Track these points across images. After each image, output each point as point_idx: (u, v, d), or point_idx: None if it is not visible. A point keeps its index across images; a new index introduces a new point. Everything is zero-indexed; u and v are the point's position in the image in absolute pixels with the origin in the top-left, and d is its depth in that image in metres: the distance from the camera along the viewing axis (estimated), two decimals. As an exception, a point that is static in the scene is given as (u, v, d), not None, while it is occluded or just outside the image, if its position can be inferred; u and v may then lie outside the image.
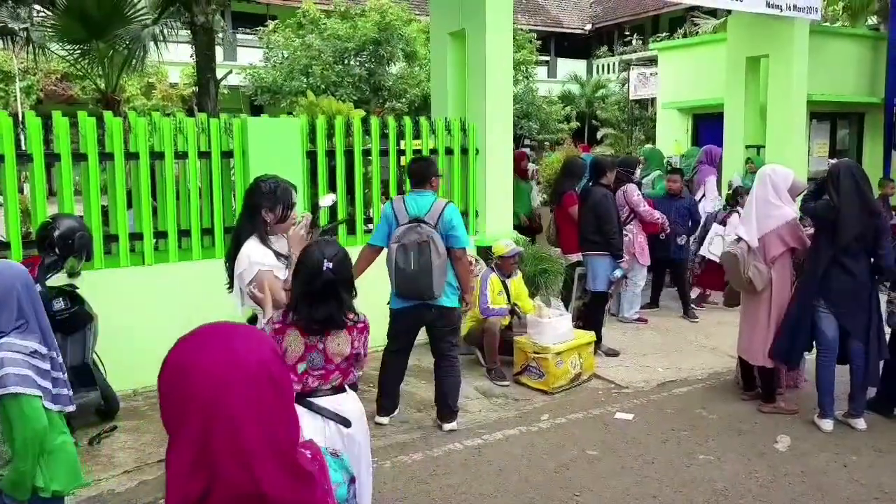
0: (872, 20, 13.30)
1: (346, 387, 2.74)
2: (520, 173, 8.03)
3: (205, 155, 5.44)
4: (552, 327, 5.35)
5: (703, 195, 8.48)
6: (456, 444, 4.31)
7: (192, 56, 8.50)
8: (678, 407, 4.93)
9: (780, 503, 3.64)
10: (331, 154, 5.98)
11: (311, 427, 2.56)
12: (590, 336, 5.61)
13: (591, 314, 6.13)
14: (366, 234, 5.92)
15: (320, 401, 2.66)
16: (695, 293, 7.58)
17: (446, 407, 4.52)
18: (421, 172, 4.46)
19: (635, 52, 23.47)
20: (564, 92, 24.82)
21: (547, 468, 4.02)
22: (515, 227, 7.10)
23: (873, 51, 11.32)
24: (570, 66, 27.80)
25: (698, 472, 3.94)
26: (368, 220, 6.30)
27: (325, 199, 4.88)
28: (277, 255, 3.26)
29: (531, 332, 5.43)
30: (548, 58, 27.88)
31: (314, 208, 5.70)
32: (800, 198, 4.83)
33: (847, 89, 10.94)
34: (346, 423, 2.65)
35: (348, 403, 2.71)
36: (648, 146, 13.35)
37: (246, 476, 1.06)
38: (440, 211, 4.26)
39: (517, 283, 5.85)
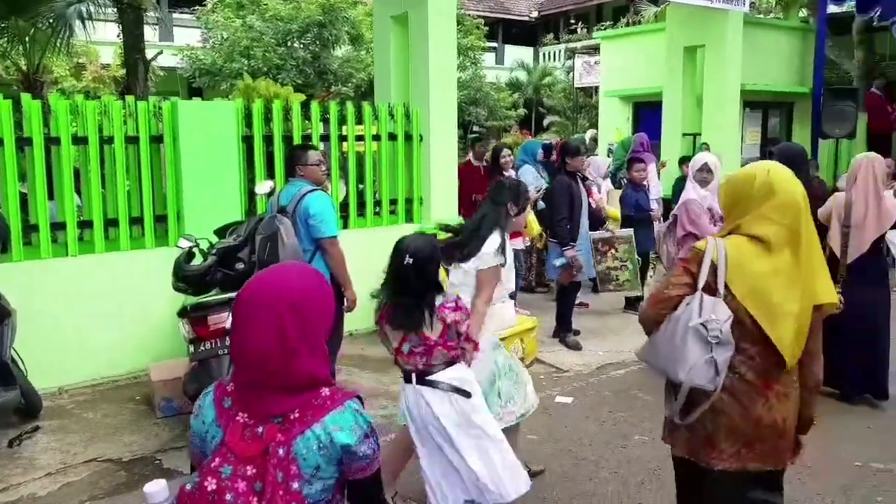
0: (804, 13, 13.74)
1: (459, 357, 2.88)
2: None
3: (133, 140, 5.22)
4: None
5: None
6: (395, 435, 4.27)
7: (118, 35, 8.13)
8: (616, 389, 5.02)
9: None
10: (269, 139, 5.82)
11: (436, 401, 2.82)
12: (532, 321, 5.65)
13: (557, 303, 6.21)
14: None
15: (437, 376, 2.83)
16: None
17: None
18: (288, 161, 4.36)
19: (580, 40, 23.66)
20: (512, 79, 24.86)
21: (486, 455, 4.02)
22: None
23: (803, 42, 11.71)
24: (517, 53, 27.84)
25: (633, 453, 4.02)
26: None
27: (263, 186, 4.77)
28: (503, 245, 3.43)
29: (474, 319, 5.42)
30: (496, 44, 27.87)
31: (250, 195, 5.57)
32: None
33: (778, 80, 11.28)
34: (466, 393, 2.83)
35: (462, 373, 2.87)
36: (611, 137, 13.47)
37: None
38: (298, 199, 4.12)
39: (460, 270, 5.83)
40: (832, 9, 12.24)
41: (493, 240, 3.35)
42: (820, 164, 10.07)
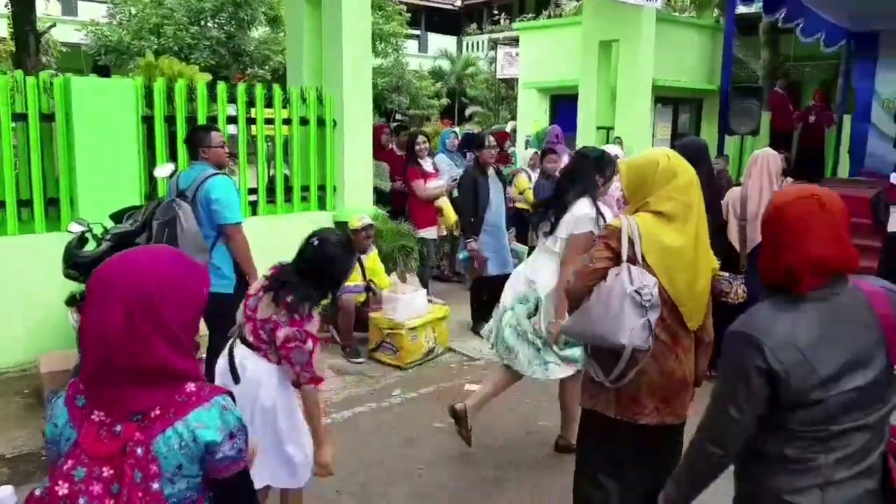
0: (717, 12, 14.31)
1: (262, 353, 2.69)
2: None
3: (21, 117, 4.88)
4: (407, 303, 5.34)
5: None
6: (302, 424, 4.19)
7: (6, 6, 7.56)
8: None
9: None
10: (171, 120, 5.56)
11: (221, 360, 2.75)
12: (444, 310, 5.65)
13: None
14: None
15: (238, 345, 2.73)
16: None
17: None
18: (189, 143, 4.16)
19: (503, 31, 23.87)
20: (435, 68, 24.84)
21: (393, 443, 4.01)
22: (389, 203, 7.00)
23: (713, 41, 12.18)
24: (440, 42, 27.84)
25: (537, 438, 4.09)
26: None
27: (163, 169, 4.57)
28: (599, 214, 3.43)
29: (386, 309, 5.39)
30: (418, 32, 27.77)
31: (151, 179, 5.32)
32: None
33: (689, 77, 11.71)
34: (235, 377, 2.67)
35: (253, 365, 2.68)
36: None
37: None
38: (199, 183, 3.96)
39: (372, 258, 5.77)
40: (741, 9, 12.75)
41: (583, 204, 3.41)
42: (729, 158, 10.52)
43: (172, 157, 5.49)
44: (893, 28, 11.35)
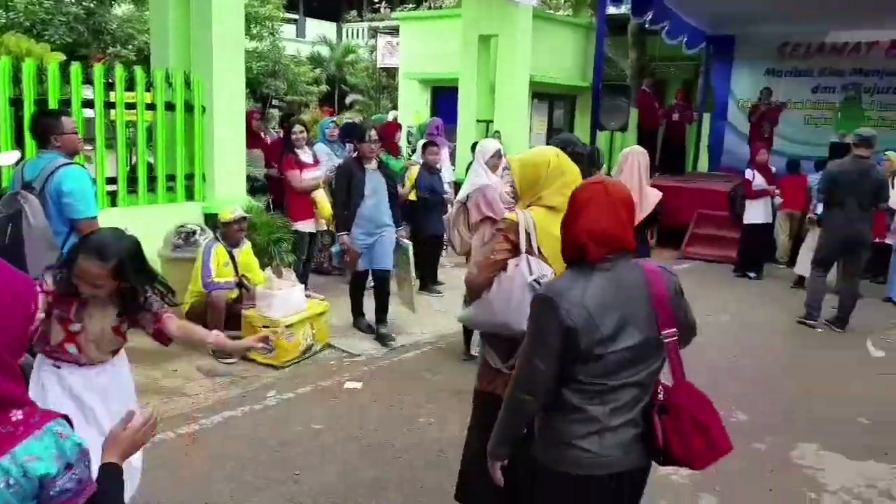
0: (590, 12, 14.89)
1: None
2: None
3: None
4: (282, 299, 5.14)
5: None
6: (167, 433, 3.91)
7: None
8: (405, 371, 5.05)
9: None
10: (18, 103, 5.02)
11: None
12: (322, 306, 5.49)
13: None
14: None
15: None
16: None
17: None
18: (36, 129, 3.80)
19: (383, 19, 23.65)
20: (314, 54, 24.22)
21: (268, 447, 3.84)
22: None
23: (587, 40, 12.69)
24: (319, 28, 27.18)
25: (419, 435, 4.05)
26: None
27: (6, 157, 4.17)
28: None
29: (260, 305, 5.16)
30: (296, 16, 26.97)
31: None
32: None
33: (564, 74, 12.13)
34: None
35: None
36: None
37: None
38: (49, 174, 3.64)
39: (246, 252, 5.50)
40: (611, 10, 13.33)
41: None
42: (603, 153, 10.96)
43: (18, 143, 4.96)
44: (747, 32, 12.31)
